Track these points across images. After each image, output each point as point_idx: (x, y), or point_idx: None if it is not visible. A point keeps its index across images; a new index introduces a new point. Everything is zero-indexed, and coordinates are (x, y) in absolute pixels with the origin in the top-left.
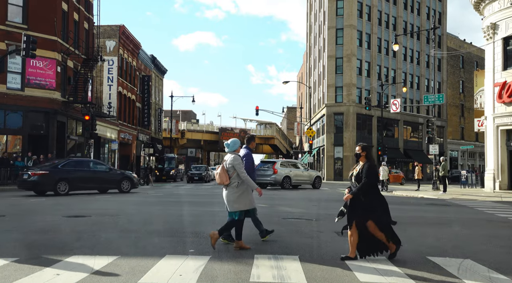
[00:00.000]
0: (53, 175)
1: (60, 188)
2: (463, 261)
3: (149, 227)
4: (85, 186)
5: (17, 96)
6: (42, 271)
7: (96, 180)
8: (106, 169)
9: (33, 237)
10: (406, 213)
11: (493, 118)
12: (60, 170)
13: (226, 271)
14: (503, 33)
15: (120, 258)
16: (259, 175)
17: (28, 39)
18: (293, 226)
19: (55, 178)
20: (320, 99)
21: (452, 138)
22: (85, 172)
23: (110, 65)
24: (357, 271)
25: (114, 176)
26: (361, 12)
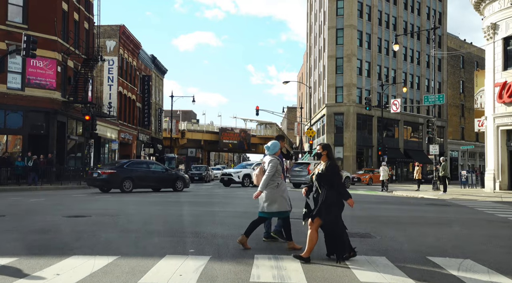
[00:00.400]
0: (120, 174)
1: (125, 185)
2: (463, 261)
3: (149, 227)
4: (145, 184)
5: (17, 96)
6: (42, 271)
7: (154, 179)
8: (163, 169)
9: (33, 237)
10: (406, 213)
11: (493, 118)
12: (125, 169)
13: (226, 271)
14: (503, 33)
15: (120, 258)
16: (294, 175)
17: (28, 39)
18: (293, 226)
19: (121, 177)
20: (320, 99)
21: (452, 138)
22: (146, 172)
23: (110, 65)
24: (357, 271)
25: (169, 176)
26: (361, 12)
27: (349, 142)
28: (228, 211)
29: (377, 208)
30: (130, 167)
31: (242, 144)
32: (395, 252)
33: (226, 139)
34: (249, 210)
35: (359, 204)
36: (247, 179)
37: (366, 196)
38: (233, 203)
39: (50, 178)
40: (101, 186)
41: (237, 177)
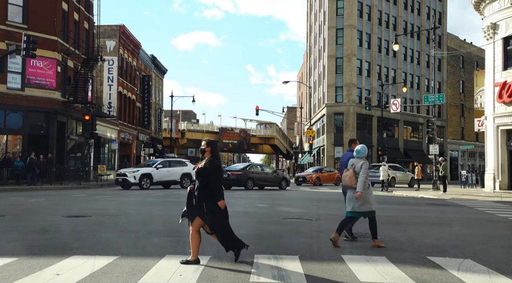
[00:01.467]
0: (245, 174)
1: (248, 184)
2: (463, 261)
3: (149, 227)
4: (260, 184)
5: (17, 96)
6: (42, 271)
7: (266, 179)
8: (272, 171)
9: (33, 237)
10: (406, 213)
11: (493, 118)
12: (247, 171)
13: (226, 271)
14: (503, 33)
15: (120, 258)
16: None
17: (28, 39)
18: (293, 226)
19: (246, 177)
20: (320, 99)
21: (452, 138)
22: (260, 174)
23: (110, 65)
24: (357, 271)
25: (277, 177)
26: (361, 12)
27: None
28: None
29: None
30: (250, 169)
31: (242, 143)
32: (395, 252)
33: (226, 139)
34: (250, 211)
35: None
36: (146, 179)
37: None
38: (233, 203)
39: (50, 178)
40: (232, 184)
41: (133, 177)
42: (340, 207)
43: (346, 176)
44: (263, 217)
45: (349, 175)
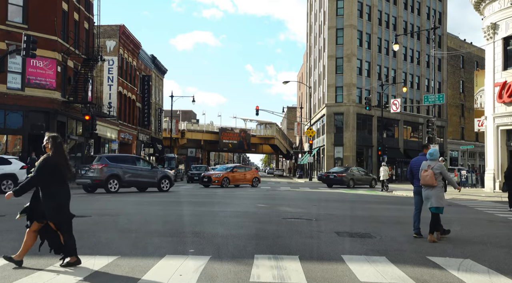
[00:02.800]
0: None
1: (111, 186)
2: (463, 261)
3: (149, 227)
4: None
5: (17, 96)
6: (41, 271)
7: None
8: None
9: None
10: (406, 213)
11: (493, 118)
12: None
13: (226, 271)
14: (503, 33)
15: (120, 258)
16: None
17: (28, 39)
18: (293, 226)
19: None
20: (320, 99)
21: (452, 138)
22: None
23: (110, 65)
24: (357, 271)
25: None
26: (361, 12)
27: (349, 142)
28: (228, 211)
29: (377, 208)
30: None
31: (242, 143)
32: (395, 252)
33: (226, 139)
34: (250, 210)
35: (359, 204)
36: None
37: (366, 196)
38: (233, 203)
39: None
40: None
41: None
42: (340, 207)
43: (426, 176)
44: (263, 217)
45: (430, 175)
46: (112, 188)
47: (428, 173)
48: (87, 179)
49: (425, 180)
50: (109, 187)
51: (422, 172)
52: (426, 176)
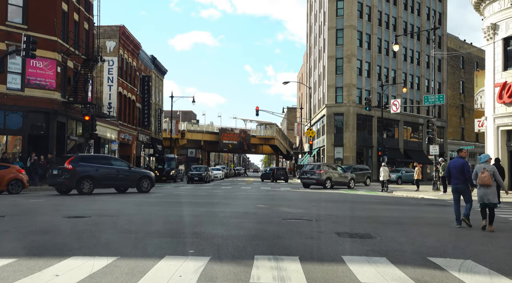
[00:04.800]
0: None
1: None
2: (464, 262)
3: (149, 228)
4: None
5: (17, 96)
6: (41, 272)
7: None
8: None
9: (32, 237)
10: (406, 213)
11: (493, 118)
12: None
13: (226, 272)
14: (503, 33)
15: (120, 259)
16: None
17: (28, 39)
18: (293, 227)
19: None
20: (320, 100)
21: (452, 138)
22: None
23: (110, 66)
24: (358, 272)
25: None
26: (361, 13)
27: (349, 142)
28: (228, 211)
29: (377, 208)
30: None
31: (242, 144)
32: (395, 253)
33: (226, 139)
34: (250, 211)
35: (359, 205)
36: None
37: (366, 196)
38: (233, 204)
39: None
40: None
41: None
42: (340, 207)
43: (484, 177)
44: (263, 217)
45: (487, 176)
46: (85, 189)
47: (485, 174)
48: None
49: (483, 180)
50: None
51: (480, 173)
52: (484, 177)
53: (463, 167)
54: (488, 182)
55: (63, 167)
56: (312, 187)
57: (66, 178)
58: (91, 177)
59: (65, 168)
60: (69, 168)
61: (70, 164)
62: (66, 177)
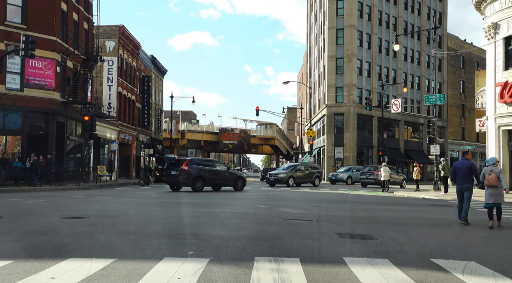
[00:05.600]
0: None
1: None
2: (467, 264)
3: (148, 229)
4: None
5: (16, 96)
6: (37, 274)
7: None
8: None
9: (30, 238)
10: (408, 213)
11: (494, 118)
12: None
13: (225, 274)
14: (504, 33)
15: (118, 261)
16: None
17: (27, 39)
18: (293, 227)
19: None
20: (320, 100)
21: (452, 138)
22: None
23: (109, 66)
24: (360, 274)
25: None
26: (362, 12)
27: (349, 142)
28: (228, 212)
29: (378, 208)
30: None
31: (242, 144)
32: (397, 254)
33: (226, 139)
34: (250, 211)
35: (360, 205)
36: None
37: (367, 197)
38: (233, 204)
39: (49, 178)
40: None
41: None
42: (341, 208)
43: (491, 178)
44: (263, 218)
45: (494, 177)
46: (197, 187)
47: (492, 176)
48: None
49: (490, 181)
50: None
51: (487, 175)
52: (491, 178)
53: (470, 168)
54: (495, 183)
55: (182, 168)
56: (312, 187)
57: (184, 178)
58: (202, 177)
59: (183, 169)
60: (186, 169)
61: (187, 166)
62: (184, 176)
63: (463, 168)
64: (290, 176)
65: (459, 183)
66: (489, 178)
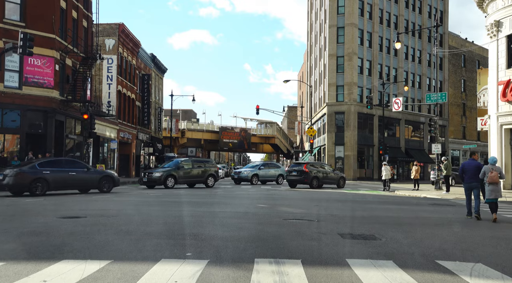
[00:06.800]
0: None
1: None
2: (474, 265)
3: (146, 229)
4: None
5: (14, 94)
6: (28, 277)
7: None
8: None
9: (23, 239)
10: (410, 213)
11: (496, 117)
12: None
13: (224, 277)
14: (507, 30)
15: (113, 263)
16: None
17: (25, 36)
18: (294, 227)
19: None
20: (321, 98)
21: (453, 137)
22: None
23: (109, 64)
24: (364, 276)
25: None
26: (362, 11)
27: (350, 141)
28: (228, 211)
29: (380, 208)
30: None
31: (242, 143)
32: (402, 256)
33: (226, 138)
34: (250, 211)
35: (361, 204)
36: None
37: (368, 196)
38: (233, 203)
39: None
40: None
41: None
42: (342, 207)
43: (493, 176)
44: (264, 217)
45: (495, 175)
46: (314, 185)
47: (494, 174)
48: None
49: (493, 179)
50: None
51: (489, 173)
52: (493, 176)
53: (478, 168)
54: (496, 180)
55: (303, 169)
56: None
57: (305, 177)
58: (317, 177)
59: (303, 170)
60: (306, 171)
61: (306, 167)
62: (305, 176)
63: (471, 168)
64: (254, 174)
65: (468, 182)
66: (492, 176)
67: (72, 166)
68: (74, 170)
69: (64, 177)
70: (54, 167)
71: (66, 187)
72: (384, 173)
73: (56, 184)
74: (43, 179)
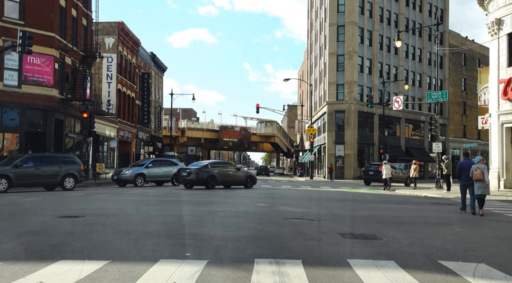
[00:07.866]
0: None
1: None
2: (477, 266)
3: (146, 228)
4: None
5: (14, 93)
6: (24, 278)
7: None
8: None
9: (21, 239)
10: (411, 212)
11: (497, 115)
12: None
13: (224, 277)
14: (508, 28)
15: (111, 263)
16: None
17: (24, 34)
18: (294, 227)
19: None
20: (321, 97)
21: (454, 136)
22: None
23: (109, 63)
24: (365, 277)
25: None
26: (363, 9)
27: (350, 140)
28: (228, 211)
29: (380, 207)
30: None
31: (242, 142)
32: (403, 256)
33: (226, 137)
34: (250, 210)
35: (362, 203)
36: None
37: (368, 195)
38: (233, 203)
39: None
40: None
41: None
42: (343, 206)
43: (478, 173)
44: (264, 217)
45: (479, 173)
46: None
47: (478, 172)
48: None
49: (476, 176)
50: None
51: (474, 171)
52: (477, 173)
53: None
54: (480, 177)
55: (377, 168)
56: (313, 185)
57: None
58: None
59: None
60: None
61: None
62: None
63: (468, 167)
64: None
65: (465, 180)
66: (475, 173)
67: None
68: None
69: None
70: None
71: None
72: (384, 172)
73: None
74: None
